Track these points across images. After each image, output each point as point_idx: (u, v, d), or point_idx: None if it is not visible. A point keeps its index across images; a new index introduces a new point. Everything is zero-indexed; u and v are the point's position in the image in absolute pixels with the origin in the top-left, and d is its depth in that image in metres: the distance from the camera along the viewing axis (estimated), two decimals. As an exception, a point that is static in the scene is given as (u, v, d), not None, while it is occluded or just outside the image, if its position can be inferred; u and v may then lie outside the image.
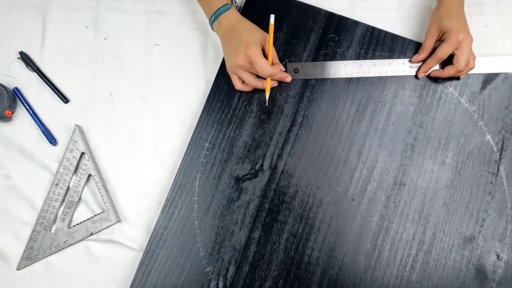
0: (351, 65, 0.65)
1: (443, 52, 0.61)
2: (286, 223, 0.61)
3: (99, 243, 0.63)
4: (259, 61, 0.57)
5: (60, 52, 0.68)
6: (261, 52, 0.59)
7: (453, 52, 0.61)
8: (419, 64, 0.65)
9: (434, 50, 0.63)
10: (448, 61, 0.62)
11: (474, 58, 0.62)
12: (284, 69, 0.64)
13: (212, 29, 0.63)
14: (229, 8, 0.60)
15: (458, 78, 0.64)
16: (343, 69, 0.65)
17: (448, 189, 0.62)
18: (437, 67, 0.64)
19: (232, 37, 0.60)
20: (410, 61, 0.65)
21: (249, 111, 0.64)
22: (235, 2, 0.66)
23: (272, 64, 0.60)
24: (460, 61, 0.60)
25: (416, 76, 0.65)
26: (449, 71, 0.62)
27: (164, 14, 0.70)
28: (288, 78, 0.64)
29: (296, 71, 0.65)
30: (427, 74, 0.64)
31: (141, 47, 0.69)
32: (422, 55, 0.64)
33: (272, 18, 0.59)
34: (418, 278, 0.60)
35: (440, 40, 0.63)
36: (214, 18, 0.60)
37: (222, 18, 0.60)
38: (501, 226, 0.61)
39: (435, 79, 0.64)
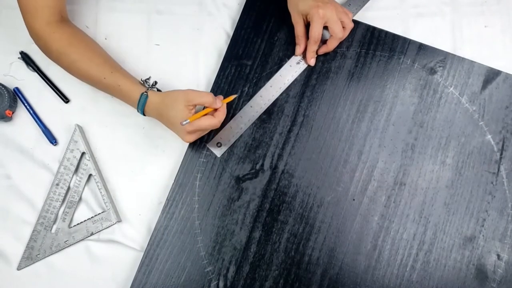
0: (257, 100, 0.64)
1: (315, 33, 0.61)
2: (287, 223, 0.61)
3: (100, 243, 0.63)
4: (199, 101, 0.56)
5: (61, 52, 0.68)
6: (193, 108, 0.57)
7: (325, 25, 0.61)
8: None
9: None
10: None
11: (349, 16, 0.61)
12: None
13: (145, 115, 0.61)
14: (147, 96, 0.58)
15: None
16: (251, 112, 0.64)
17: (448, 189, 0.62)
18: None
19: (164, 120, 0.59)
20: (295, 55, 0.65)
21: (249, 111, 0.64)
22: (147, 82, 0.61)
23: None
24: (335, 31, 0.61)
25: (309, 65, 0.65)
26: (332, 43, 0.63)
27: (164, 14, 0.70)
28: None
29: (219, 145, 0.63)
30: (316, 57, 0.65)
31: (141, 47, 0.68)
32: (301, 44, 0.64)
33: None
34: (418, 278, 0.60)
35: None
36: (140, 110, 0.59)
37: (146, 108, 0.59)
38: (502, 226, 0.61)
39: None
